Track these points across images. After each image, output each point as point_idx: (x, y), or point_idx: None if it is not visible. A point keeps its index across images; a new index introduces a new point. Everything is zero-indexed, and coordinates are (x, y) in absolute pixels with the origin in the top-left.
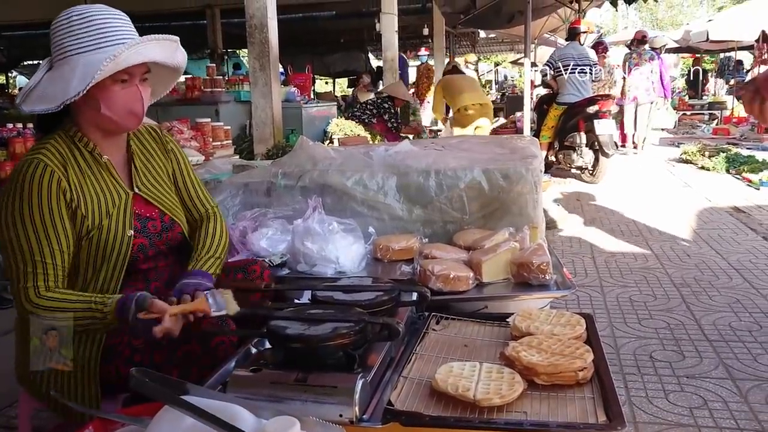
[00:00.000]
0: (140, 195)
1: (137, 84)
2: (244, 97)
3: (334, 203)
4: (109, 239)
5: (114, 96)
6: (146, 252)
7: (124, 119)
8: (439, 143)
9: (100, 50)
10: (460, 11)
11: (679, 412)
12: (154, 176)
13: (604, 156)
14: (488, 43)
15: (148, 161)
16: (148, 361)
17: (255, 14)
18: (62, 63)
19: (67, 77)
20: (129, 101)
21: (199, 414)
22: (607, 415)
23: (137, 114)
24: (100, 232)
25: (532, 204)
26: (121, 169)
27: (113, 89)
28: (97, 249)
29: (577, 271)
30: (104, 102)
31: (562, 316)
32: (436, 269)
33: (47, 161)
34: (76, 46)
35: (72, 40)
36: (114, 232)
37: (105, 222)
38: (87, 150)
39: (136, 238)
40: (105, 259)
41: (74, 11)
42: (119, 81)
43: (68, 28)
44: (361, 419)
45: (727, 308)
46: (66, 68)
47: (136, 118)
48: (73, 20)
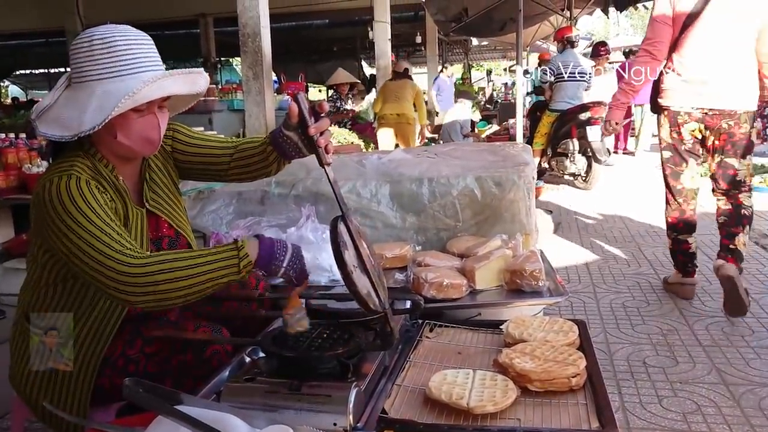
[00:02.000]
0: (150, 210)
1: (154, 112)
2: (237, 106)
3: (327, 211)
4: None
5: (131, 124)
6: None
7: (141, 147)
8: (431, 151)
9: (120, 79)
10: (453, 19)
11: (672, 417)
12: (160, 187)
13: (596, 162)
14: (480, 51)
15: (154, 173)
16: (142, 371)
17: (248, 23)
18: (81, 86)
19: (83, 104)
20: (145, 129)
21: (193, 424)
22: (600, 422)
23: (153, 142)
24: None
25: (524, 211)
26: (134, 189)
27: (130, 118)
28: None
29: (571, 277)
30: (120, 130)
31: (555, 323)
32: (429, 277)
33: (78, 172)
34: (96, 72)
35: (92, 65)
36: None
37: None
38: (108, 170)
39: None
40: None
41: (96, 34)
42: (137, 110)
43: (89, 51)
44: (356, 428)
45: (719, 314)
46: (83, 93)
47: (152, 145)
48: (95, 44)
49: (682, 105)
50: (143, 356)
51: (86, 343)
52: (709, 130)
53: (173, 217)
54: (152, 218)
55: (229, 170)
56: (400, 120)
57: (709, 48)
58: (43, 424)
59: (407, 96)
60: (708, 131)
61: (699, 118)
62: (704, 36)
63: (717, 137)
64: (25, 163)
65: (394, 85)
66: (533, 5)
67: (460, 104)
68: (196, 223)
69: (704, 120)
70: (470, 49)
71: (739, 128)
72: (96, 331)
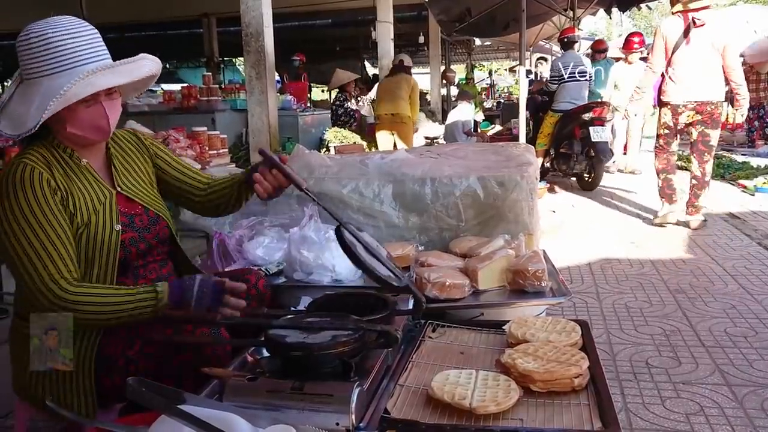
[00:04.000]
0: (122, 194)
1: (101, 101)
2: (240, 106)
3: None
4: (98, 235)
5: (78, 115)
6: (138, 246)
7: (91, 134)
8: (434, 151)
9: (59, 75)
10: (456, 19)
11: (675, 418)
12: (134, 177)
13: (599, 163)
14: (484, 51)
15: (127, 162)
16: (143, 371)
17: (251, 22)
18: (29, 83)
19: (30, 100)
20: (93, 119)
21: (196, 423)
22: (603, 422)
23: (102, 129)
24: (89, 228)
25: (527, 211)
26: (102, 171)
27: (77, 110)
28: (87, 245)
29: (573, 277)
30: (69, 122)
31: (557, 323)
32: (432, 277)
33: (32, 163)
34: (37, 69)
35: (33, 62)
36: (102, 227)
37: (93, 218)
38: (66, 155)
39: (125, 232)
40: (96, 256)
41: (33, 30)
42: (83, 102)
43: (28, 48)
44: (358, 427)
45: (722, 314)
46: (32, 90)
47: (102, 132)
48: (32, 40)
49: (679, 100)
50: (143, 357)
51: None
52: (699, 114)
53: (148, 202)
54: (124, 199)
55: (200, 203)
56: (395, 119)
57: (690, 64)
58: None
59: (402, 93)
60: (698, 115)
61: (693, 107)
62: (687, 57)
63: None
64: None
65: (391, 82)
66: (536, 5)
67: (461, 105)
68: (200, 224)
69: (696, 108)
70: (473, 49)
71: (717, 109)
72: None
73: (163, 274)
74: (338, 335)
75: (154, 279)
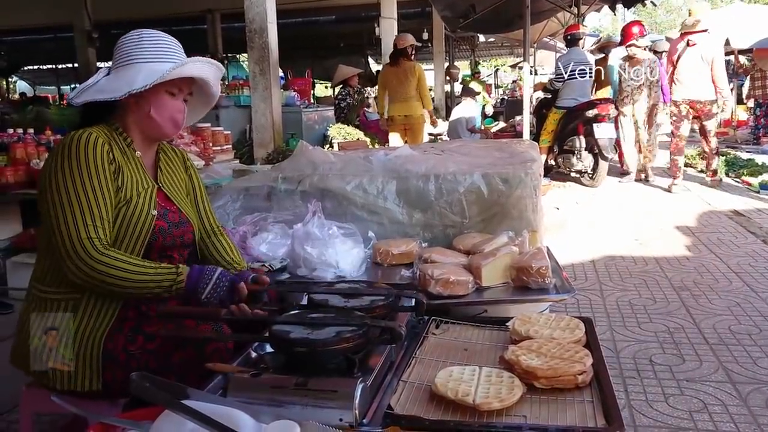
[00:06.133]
0: (163, 190)
1: (183, 99)
2: (244, 102)
3: (334, 208)
4: (135, 214)
5: (163, 103)
6: (164, 236)
7: (167, 125)
8: (438, 148)
9: (162, 62)
10: (460, 15)
11: (678, 415)
12: (175, 181)
13: (603, 159)
14: (488, 47)
15: (171, 169)
16: (144, 367)
17: (255, 19)
18: (126, 68)
19: (131, 77)
20: (174, 111)
21: (200, 418)
22: (606, 419)
23: (177, 123)
24: (128, 206)
25: (531, 208)
26: (150, 167)
27: (164, 97)
28: (123, 221)
29: (577, 274)
30: (154, 106)
31: (561, 320)
32: (435, 273)
33: (96, 133)
34: (143, 56)
35: (139, 51)
36: (141, 208)
37: (135, 198)
38: (125, 142)
39: (158, 220)
40: (129, 233)
41: (145, 31)
42: (169, 93)
43: (138, 41)
44: (361, 423)
45: (726, 312)
46: (130, 71)
47: (176, 126)
48: (144, 37)
49: (679, 97)
50: (145, 353)
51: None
52: (694, 110)
53: (182, 205)
54: (163, 195)
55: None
56: (407, 121)
57: (689, 70)
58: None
59: (411, 91)
60: (694, 110)
61: (689, 103)
62: (686, 64)
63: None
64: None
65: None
66: (541, 2)
67: (465, 101)
68: None
69: (691, 104)
70: (477, 45)
71: (705, 106)
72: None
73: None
74: (342, 331)
75: None
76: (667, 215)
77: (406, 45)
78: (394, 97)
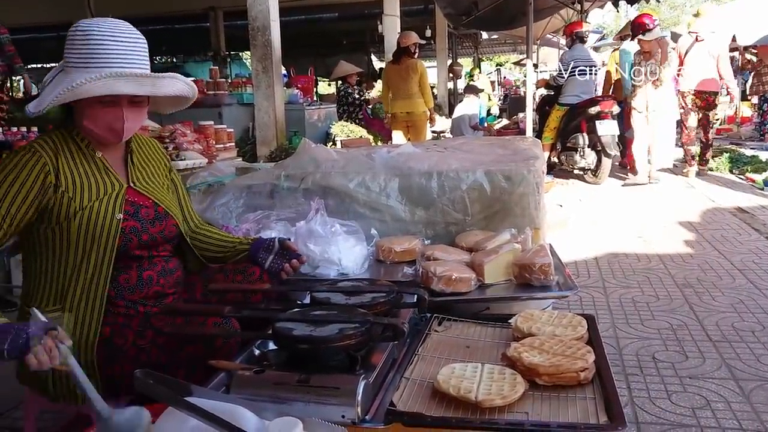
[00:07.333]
0: (134, 188)
1: (122, 106)
2: (247, 100)
3: (336, 205)
4: (98, 221)
5: (95, 113)
6: (139, 236)
7: (104, 133)
8: (441, 145)
9: (86, 70)
10: (463, 13)
11: (681, 412)
12: (150, 175)
13: (606, 157)
14: (490, 44)
15: (146, 161)
16: (154, 360)
17: (257, 16)
18: (65, 72)
19: (53, 86)
20: (109, 120)
21: (203, 415)
22: (609, 416)
23: (116, 132)
24: (90, 213)
25: (534, 205)
26: (117, 165)
27: (96, 107)
28: (87, 229)
29: (580, 271)
30: (86, 117)
31: (563, 317)
32: (438, 270)
33: (38, 148)
34: (73, 60)
35: (71, 53)
36: (103, 214)
37: (95, 205)
38: (83, 144)
39: (127, 221)
40: (94, 241)
41: (80, 24)
42: (102, 101)
43: (71, 39)
44: (364, 420)
45: (730, 309)
46: (63, 78)
47: (116, 135)
48: (77, 34)
49: (686, 88)
50: (155, 347)
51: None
52: (699, 99)
53: (159, 199)
54: (134, 192)
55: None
56: (410, 118)
57: (694, 64)
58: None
59: (413, 88)
60: (699, 100)
61: (694, 94)
62: (692, 59)
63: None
64: None
65: (397, 74)
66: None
67: (468, 98)
68: (206, 216)
69: (696, 95)
70: (480, 42)
71: (714, 98)
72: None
73: (170, 267)
74: (345, 328)
75: (159, 271)
76: (671, 212)
77: (409, 43)
78: (397, 95)
